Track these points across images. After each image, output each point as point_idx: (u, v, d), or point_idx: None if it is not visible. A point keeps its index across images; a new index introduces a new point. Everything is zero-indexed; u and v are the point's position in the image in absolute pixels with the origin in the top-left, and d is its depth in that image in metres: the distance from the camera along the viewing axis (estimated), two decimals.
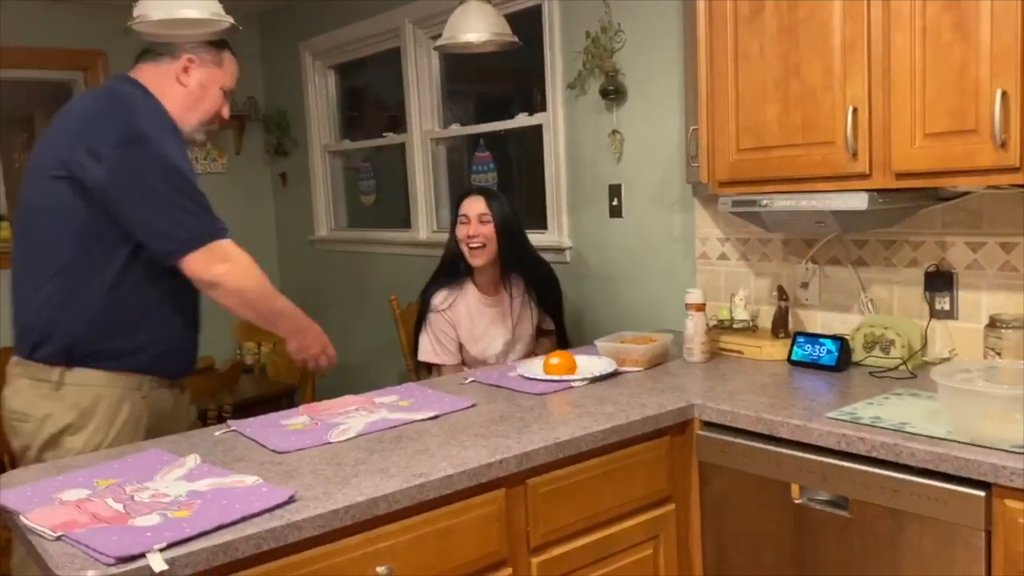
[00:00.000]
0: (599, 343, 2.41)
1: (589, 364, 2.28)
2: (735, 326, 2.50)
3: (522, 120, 3.50)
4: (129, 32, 1.70)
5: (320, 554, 1.41)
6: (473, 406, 2.00)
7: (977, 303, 2.14)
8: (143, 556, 1.23)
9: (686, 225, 2.82)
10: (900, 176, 1.91)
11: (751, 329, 2.48)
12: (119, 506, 1.42)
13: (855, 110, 1.94)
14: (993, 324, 1.99)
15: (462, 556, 1.59)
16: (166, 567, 1.22)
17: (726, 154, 2.23)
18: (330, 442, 1.76)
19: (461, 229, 2.77)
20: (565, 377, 2.20)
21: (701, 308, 2.38)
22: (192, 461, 1.63)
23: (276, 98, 4.94)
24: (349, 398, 2.09)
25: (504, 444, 1.71)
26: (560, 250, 3.28)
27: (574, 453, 1.76)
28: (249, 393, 3.71)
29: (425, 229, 4.07)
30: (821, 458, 1.75)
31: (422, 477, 1.54)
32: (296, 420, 1.92)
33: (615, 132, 3.00)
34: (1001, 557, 1.51)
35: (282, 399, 3.72)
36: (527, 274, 2.87)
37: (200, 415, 2.58)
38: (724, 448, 1.94)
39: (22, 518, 1.39)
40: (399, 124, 4.21)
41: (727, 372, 2.26)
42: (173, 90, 2.04)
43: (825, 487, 1.76)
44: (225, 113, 2.15)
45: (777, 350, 2.35)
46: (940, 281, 2.20)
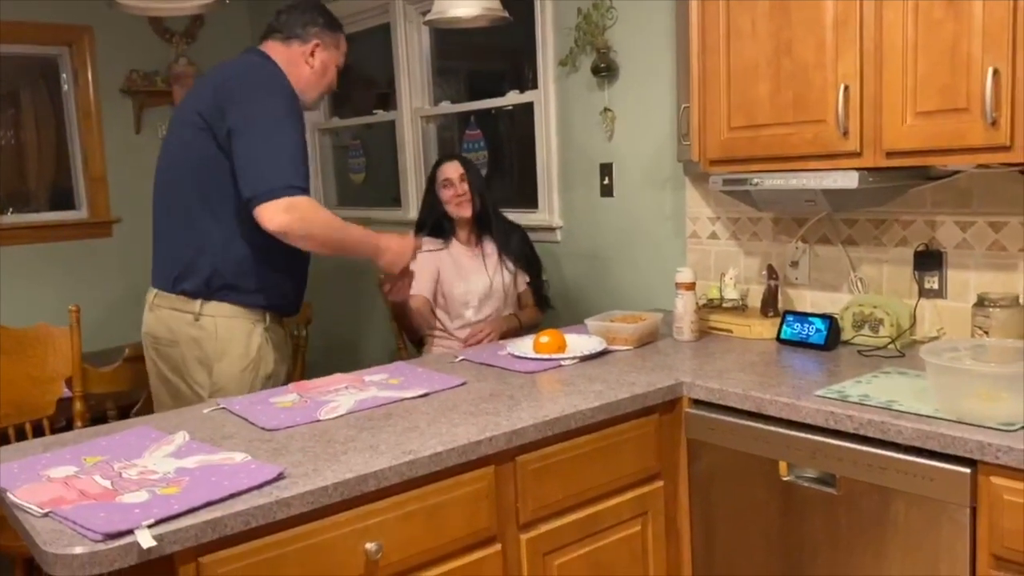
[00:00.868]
0: (589, 322, 2.41)
1: (579, 343, 2.29)
2: (725, 305, 2.50)
3: (513, 98, 3.48)
4: (113, 6, 1.68)
5: (309, 531, 1.41)
6: (463, 384, 2.00)
7: (966, 282, 2.15)
8: (131, 532, 1.23)
9: (677, 204, 2.82)
10: (891, 155, 1.91)
11: (740, 308, 2.49)
12: (107, 483, 1.41)
13: (846, 88, 1.93)
14: (981, 303, 2.00)
15: (451, 532, 1.60)
16: (154, 543, 1.22)
17: (717, 132, 2.22)
18: (319, 420, 1.76)
19: (446, 191, 2.94)
20: (555, 356, 2.20)
21: (691, 287, 2.38)
22: (181, 438, 1.63)
23: None
24: (338, 376, 2.08)
25: (494, 422, 1.71)
26: (551, 229, 3.27)
27: (563, 431, 1.76)
28: None
29: (415, 207, 4.04)
30: (809, 436, 1.76)
31: (411, 454, 1.54)
32: (285, 398, 1.92)
33: (607, 110, 2.98)
34: (986, 533, 1.53)
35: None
36: (500, 238, 3.00)
37: None
38: (713, 426, 1.95)
39: (9, 495, 1.38)
40: (389, 102, 4.18)
41: (716, 351, 2.26)
42: (301, 69, 2.27)
43: (813, 464, 1.77)
44: (335, 86, 2.41)
45: (766, 329, 2.35)
46: (929, 260, 2.20)
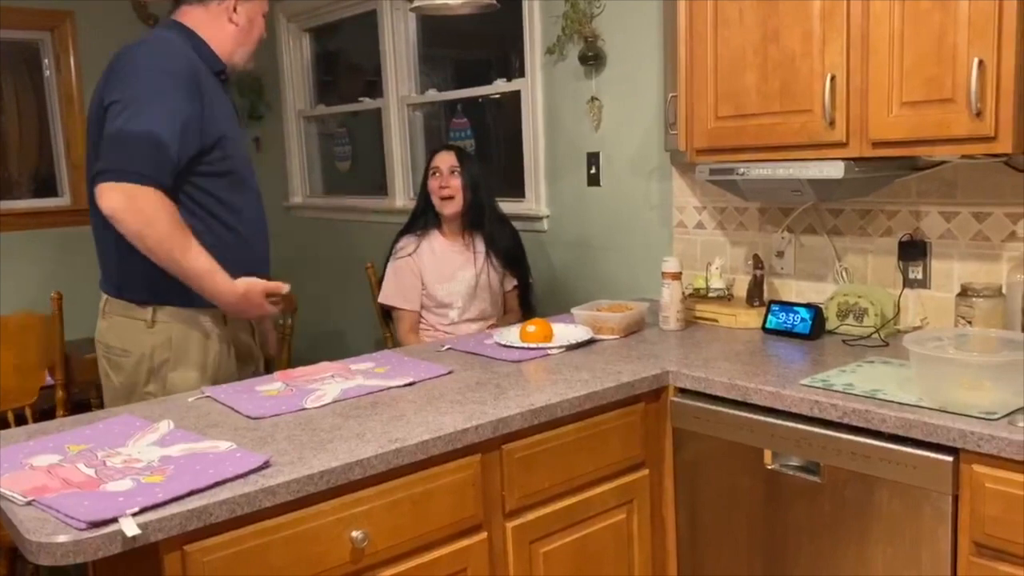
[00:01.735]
0: (576, 311, 2.41)
1: (566, 332, 2.29)
2: (711, 295, 2.51)
3: (500, 86, 3.47)
4: None
5: (294, 519, 1.41)
6: (449, 373, 2.00)
7: (949, 272, 2.16)
8: (115, 521, 1.22)
9: (663, 194, 2.82)
10: (876, 145, 1.92)
11: (726, 298, 2.50)
12: (91, 471, 1.40)
13: (833, 78, 1.94)
14: (964, 293, 2.01)
15: (437, 521, 1.60)
16: (139, 532, 1.21)
17: (704, 122, 2.22)
18: (305, 408, 1.75)
19: (433, 181, 2.87)
20: (542, 345, 2.20)
21: (677, 277, 2.38)
22: (165, 426, 1.62)
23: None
24: (325, 365, 2.08)
25: (480, 410, 1.71)
26: (538, 218, 3.27)
27: (550, 419, 1.76)
28: None
29: (402, 196, 4.04)
30: (794, 424, 1.77)
31: (398, 442, 1.53)
32: (271, 386, 1.91)
33: (594, 99, 2.98)
34: (967, 520, 1.54)
35: None
36: (491, 236, 2.92)
37: None
38: (698, 414, 1.95)
39: None
40: (375, 89, 4.16)
41: (702, 340, 2.27)
42: (225, 30, 2.11)
43: (797, 453, 1.78)
44: (264, 33, 2.24)
45: (752, 318, 2.36)
46: (914, 250, 2.22)
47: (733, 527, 1.93)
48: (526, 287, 3.04)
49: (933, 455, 1.57)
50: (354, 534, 1.47)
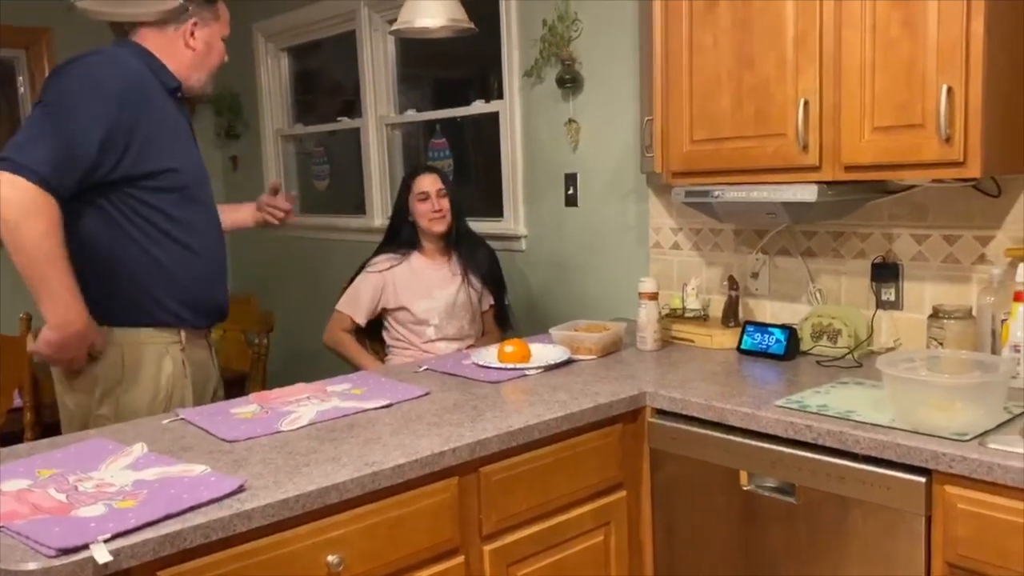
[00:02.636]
0: (553, 331, 2.42)
1: (543, 352, 2.29)
2: (687, 315, 2.53)
3: (479, 107, 3.48)
4: (73, 9, 1.65)
5: (270, 544, 1.40)
6: (427, 394, 1.99)
7: (921, 294, 2.19)
8: (86, 547, 1.20)
9: (640, 214, 2.84)
10: (849, 169, 1.95)
11: (702, 318, 2.51)
12: (62, 496, 1.38)
13: (806, 103, 1.97)
14: (936, 315, 2.04)
15: (414, 544, 1.59)
16: (110, 558, 1.20)
17: (680, 145, 2.24)
18: (281, 431, 1.74)
19: (422, 205, 2.85)
20: (519, 365, 2.20)
21: (654, 297, 2.40)
22: (139, 450, 1.60)
23: (227, 80, 4.83)
24: (301, 386, 2.06)
25: (457, 432, 1.70)
26: (516, 238, 3.28)
27: (527, 441, 1.76)
28: None
29: (380, 215, 4.03)
30: (769, 445, 1.78)
31: (374, 466, 1.53)
32: (246, 408, 1.90)
33: (571, 121, 3.00)
34: (940, 541, 1.56)
35: (232, 387, 3.66)
36: (469, 255, 2.94)
37: None
38: (675, 435, 1.96)
39: None
40: (354, 109, 4.16)
41: (679, 360, 2.28)
42: (182, 54, 2.08)
43: (773, 474, 1.79)
44: (225, 57, 2.20)
45: (727, 339, 2.38)
46: (886, 272, 2.25)
47: (710, 549, 1.94)
48: (503, 307, 3.04)
49: (906, 476, 1.58)
50: (330, 559, 1.46)
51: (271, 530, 1.40)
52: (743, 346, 2.31)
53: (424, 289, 2.86)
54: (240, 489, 1.41)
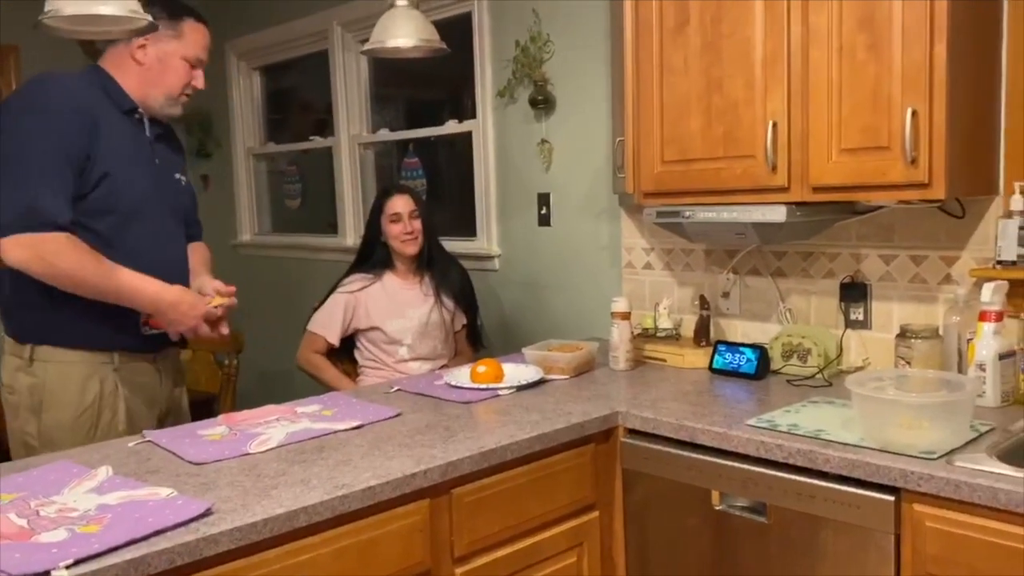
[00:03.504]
0: (526, 351, 2.41)
1: (516, 372, 2.29)
2: (659, 334, 2.54)
3: (452, 127, 3.49)
4: (40, 27, 1.63)
5: (237, 568, 1.37)
6: (398, 415, 1.98)
7: (889, 313, 2.22)
8: (47, 574, 1.18)
9: (613, 234, 2.85)
10: (817, 190, 1.97)
11: (674, 338, 2.53)
12: (23, 521, 1.35)
13: (775, 124, 1.99)
14: (903, 334, 2.07)
15: (385, 568, 1.57)
16: None
17: (651, 165, 2.26)
18: (249, 453, 1.72)
19: (395, 227, 2.84)
20: (492, 385, 2.19)
21: (626, 317, 2.41)
22: (103, 473, 1.57)
23: (199, 98, 4.77)
24: (270, 408, 2.04)
25: (429, 454, 1.69)
26: (489, 257, 3.28)
27: (499, 462, 1.76)
28: None
29: (352, 235, 4.02)
30: (741, 465, 1.79)
31: (344, 488, 1.51)
32: (214, 430, 1.87)
33: (544, 141, 3.02)
34: (909, 559, 1.57)
35: (200, 408, 3.61)
36: (442, 275, 2.93)
37: None
38: (647, 455, 1.96)
39: None
40: (326, 128, 4.15)
41: (651, 380, 2.29)
42: (131, 69, 2.06)
43: (744, 494, 1.80)
44: (198, 84, 2.17)
45: (699, 358, 2.39)
46: (855, 292, 2.27)
47: (682, 568, 1.93)
48: (475, 327, 3.04)
49: (875, 495, 1.59)
50: None
51: (239, 554, 1.37)
52: (714, 365, 2.32)
53: (397, 309, 2.85)
54: (207, 513, 1.38)
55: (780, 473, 1.72)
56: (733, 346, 2.31)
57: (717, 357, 2.32)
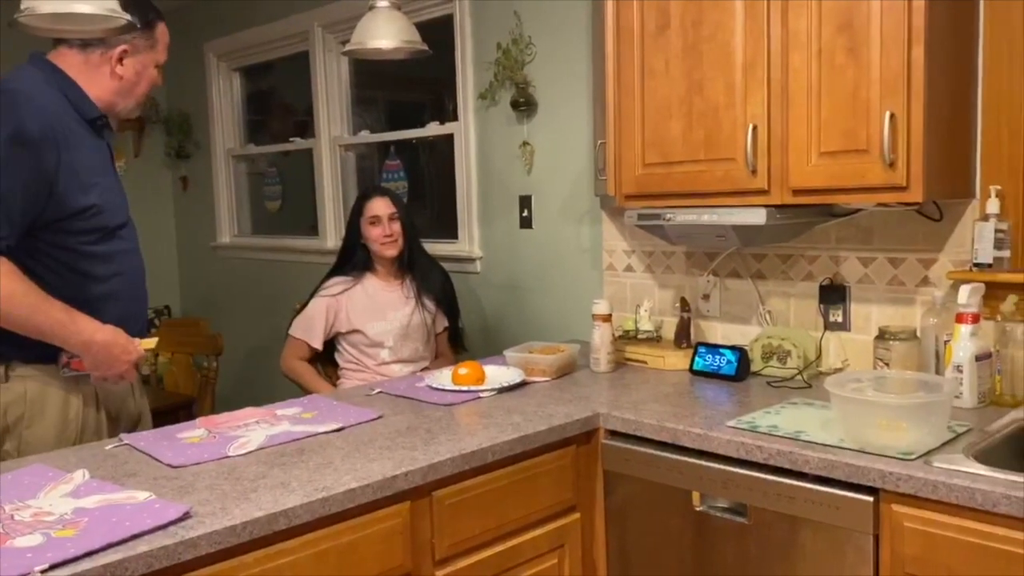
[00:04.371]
0: (508, 353, 2.41)
1: (497, 374, 2.29)
2: (640, 336, 2.54)
3: (433, 129, 3.49)
4: (14, 25, 1.61)
5: (216, 572, 1.36)
6: (379, 418, 1.97)
7: (868, 315, 2.24)
8: None
9: (594, 237, 2.86)
10: (797, 192, 1.98)
11: (655, 339, 2.53)
12: None
13: (755, 128, 2.00)
14: (882, 336, 2.08)
15: (366, 571, 1.56)
16: None
17: (632, 168, 2.27)
18: (228, 456, 1.70)
19: (374, 230, 2.83)
20: (473, 388, 2.19)
21: (607, 319, 2.41)
22: (80, 477, 1.55)
23: (178, 100, 4.78)
24: (250, 410, 2.03)
25: (410, 456, 1.69)
26: (470, 260, 3.28)
27: (480, 464, 1.75)
28: None
29: (333, 237, 4.00)
30: (721, 466, 1.79)
31: (324, 491, 1.50)
32: (193, 433, 1.86)
33: (526, 144, 3.02)
34: (888, 559, 1.58)
35: (179, 411, 3.59)
36: (423, 277, 2.92)
37: None
38: (628, 457, 1.96)
39: None
40: (307, 129, 4.14)
41: (632, 382, 2.29)
42: (107, 82, 1.97)
43: (725, 495, 1.80)
44: (159, 82, 2.10)
45: (680, 360, 2.40)
46: (834, 294, 2.29)
47: (663, 569, 1.94)
48: (457, 329, 3.03)
49: (854, 495, 1.60)
50: None
51: (217, 558, 1.36)
52: (695, 367, 2.33)
53: (378, 311, 2.84)
54: (186, 516, 1.37)
55: (760, 474, 1.73)
56: (713, 348, 2.32)
57: (698, 359, 2.33)
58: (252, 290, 4.50)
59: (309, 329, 2.83)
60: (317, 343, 2.83)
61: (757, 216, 2.03)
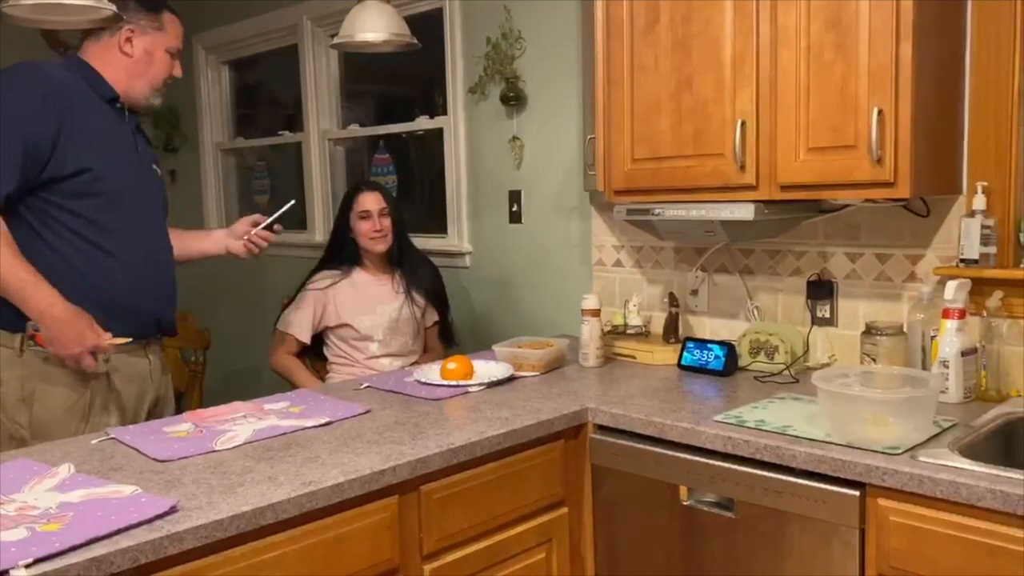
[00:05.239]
0: (496, 348, 2.41)
1: (486, 369, 2.28)
2: (629, 331, 2.55)
3: (423, 123, 3.48)
4: (2, 17, 1.60)
5: (203, 566, 1.36)
6: (367, 412, 1.97)
7: (855, 311, 2.25)
8: (6, 573, 1.15)
9: (583, 232, 2.86)
10: (785, 188, 1.99)
11: (644, 334, 2.54)
12: None
13: (743, 123, 2.01)
14: (869, 331, 2.09)
15: (353, 565, 1.56)
16: None
17: (621, 163, 2.27)
18: (215, 450, 1.70)
19: (364, 224, 2.82)
20: (462, 382, 2.19)
21: (596, 314, 2.41)
22: (65, 471, 1.55)
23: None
24: (237, 404, 2.02)
25: (398, 450, 1.68)
26: (460, 255, 3.27)
27: (469, 458, 1.75)
28: None
29: (322, 231, 3.99)
30: (708, 460, 1.80)
31: (312, 485, 1.50)
32: (180, 427, 1.85)
33: (515, 138, 3.01)
34: (873, 552, 1.59)
35: None
36: (410, 271, 2.92)
37: None
38: (616, 451, 1.97)
39: None
40: (296, 123, 4.12)
41: (620, 376, 2.30)
42: (118, 61, 2.09)
43: (712, 489, 1.81)
44: (177, 72, 2.22)
45: (668, 355, 2.40)
46: (821, 290, 2.30)
47: (651, 564, 1.94)
48: (446, 323, 3.03)
49: (841, 490, 1.61)
50: None
51: (204, 552, 1.35)
52: (683, 362, 2.34)
53: (367, 305, 2.83)
54: (172, 510, 1.37)
55: (747, 469, 1.74)
56: (702, 343, 2.32)
57: (686, 354, 2.34)
58: (240, 284, 4.48)
59: (297, 323, 2.82)
60: (305, 337, 2.82)
61: (745, 211, 2.04)
